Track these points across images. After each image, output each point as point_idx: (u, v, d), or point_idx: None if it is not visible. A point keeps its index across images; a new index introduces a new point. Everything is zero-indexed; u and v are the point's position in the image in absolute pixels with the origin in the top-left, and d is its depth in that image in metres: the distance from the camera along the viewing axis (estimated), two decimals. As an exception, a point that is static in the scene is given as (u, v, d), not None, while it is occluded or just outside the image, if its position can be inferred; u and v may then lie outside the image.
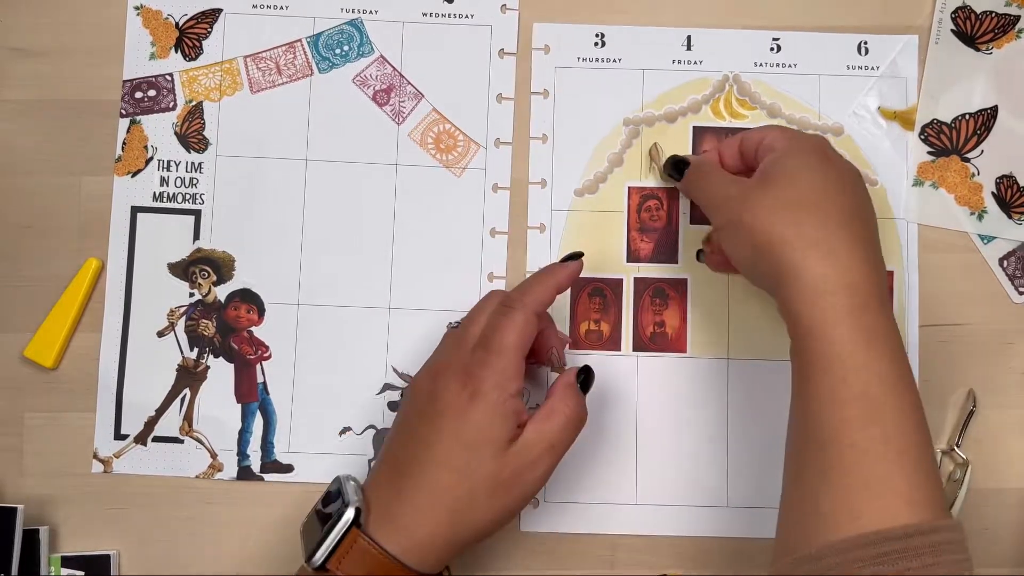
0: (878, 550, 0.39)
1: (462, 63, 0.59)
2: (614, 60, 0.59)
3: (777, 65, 0.59)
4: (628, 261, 0.58)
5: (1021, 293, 0.58)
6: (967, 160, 0.58)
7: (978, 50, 0.59)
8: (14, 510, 0.54)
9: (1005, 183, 0.58)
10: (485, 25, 0.59)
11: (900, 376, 0.43)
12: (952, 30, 0.59)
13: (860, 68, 0.59)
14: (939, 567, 0.38)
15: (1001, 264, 0.58)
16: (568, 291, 0.57)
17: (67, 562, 0.55)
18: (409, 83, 0.59)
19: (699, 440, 0.57)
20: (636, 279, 0.58)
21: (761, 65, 0.59)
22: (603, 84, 0.59)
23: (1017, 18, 0.59)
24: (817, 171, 0.48)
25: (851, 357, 0.43)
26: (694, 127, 0.59)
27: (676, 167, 0.56)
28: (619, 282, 0.58)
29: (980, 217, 0.58)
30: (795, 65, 0.59)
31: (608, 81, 0.59)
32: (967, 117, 0.59)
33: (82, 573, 0.55)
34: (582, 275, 0.53)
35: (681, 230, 0.58)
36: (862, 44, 0.59)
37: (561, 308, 0.57)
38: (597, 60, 0.59)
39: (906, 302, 0.57)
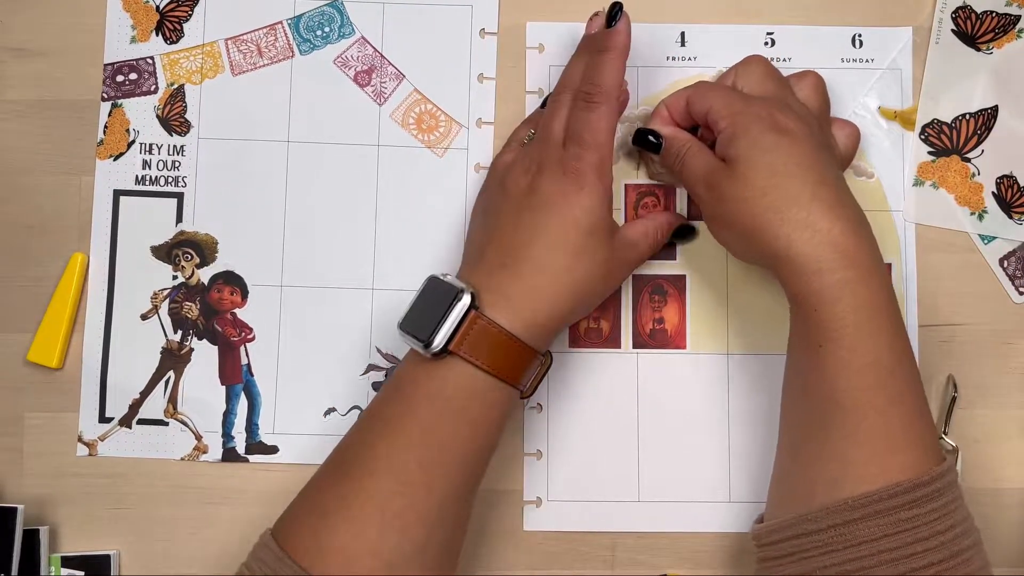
0: (912, 496, 0.43)
1: (443, 43, 0.59)
2: None
3: (772, 60, 0.58)
4: None
5: (1021, 293, 0.57)
6: (967, 160, 0.58)
7: (979, 50, 0.58)
8: (14, 510, 0.54)
9: (1005, 183, 0.58)
10: (466, 5, 0.59)
11: (903, 340, 0.46)
12: (952, 30, 0.58)
13: (855, 61, 0.59)
14: (959, 499, 0.45)
15: (1001, 264, 0.58)
16: None
17: (67, 562, 0.55)
18: (390, 64, 0.59)
19: (701, 436, 0.57)
20: (634, 276, 0.58)
21: None
22: None
23: (1018, 18, 0.58)
24: (772, 150, 0.48)
25: (857, 329, 0.45)
26: None
27: (646, 140, 0.54)
28: None
29: (980, 217, 0.58)
30: (789, 59, 0.59)
31: None
32: (967, 117, 0.58)
33: (82, 573, 0.55)
34: None
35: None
36: (856, 37, 0.59)
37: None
38: None
39: (904, 295, 0.57)
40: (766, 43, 0.59)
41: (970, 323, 0.57)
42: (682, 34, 0.59)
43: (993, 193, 0.58)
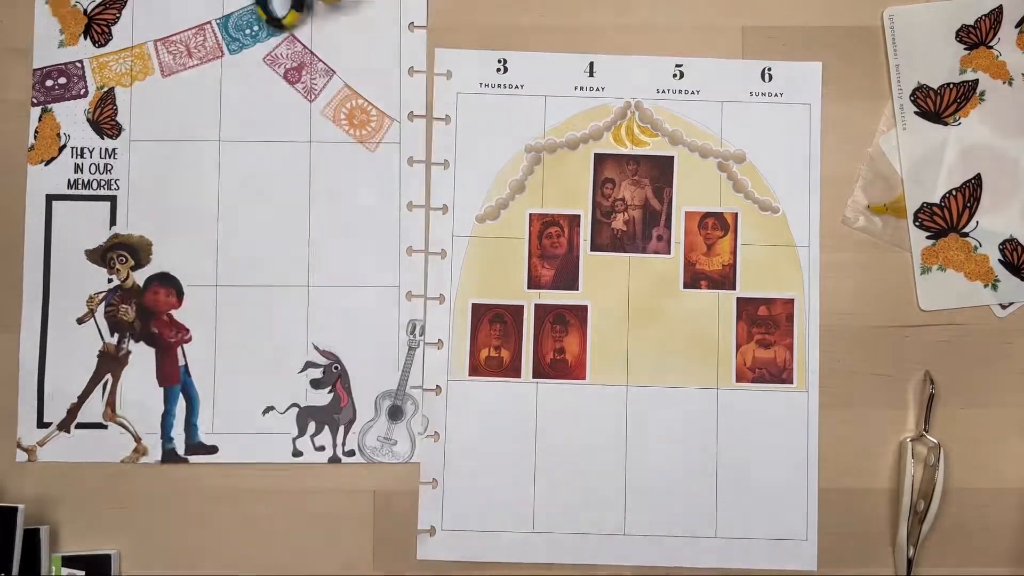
0: None
1: (372, 38, 0.59)
2: (516, 86, 0.58)
3: (680, 92, 0.58)
4: (529, 288, 0.58)
5: (1004, 308, 0.57)
6: (965, 235, 0.57)
7: (946, 124, 0.58)
8: (15, 510, 0.54)
9: (1008, 247, 0.57)
10: (394, -1, 0.59)
11: None
12: (916, 112, 0.58)
13: (763, 95, 0.58)
14: None
15: None
16: (469, 318, 0.57)
17: (68, 562, 0.55)
18: (320, 60, 0.59)
19: (598, 468, 0.57)
20: (537, 305, 0.58)
21: (664, 92, 0.58)
22: (505, 110, 0.58)
23: (976, 82, 0.57)
24: None
25: None
26: (595, 154, 0.58)
27: None
28: (520, 308, 0.57)
29: (995, 287, 0.57)
30: (698, 92, 0.58)
31: (510, 107, 0.58)
32: (954, 193, 0.57)
33: (82, 573, 0.55)
34: (483, 301, 0.54)
35: (582, 257, 0.58)
36: (766, 71, 0.58)
37: (461, 335, 0.57)
38: (499, 86, 0.58)
39: (807, 326, 0.57)
40: (675, 75, 0.58)
41: (971, 323, 0.57)
42: (591, 64, 0.59)
43: (1000, 260, 0.57)
